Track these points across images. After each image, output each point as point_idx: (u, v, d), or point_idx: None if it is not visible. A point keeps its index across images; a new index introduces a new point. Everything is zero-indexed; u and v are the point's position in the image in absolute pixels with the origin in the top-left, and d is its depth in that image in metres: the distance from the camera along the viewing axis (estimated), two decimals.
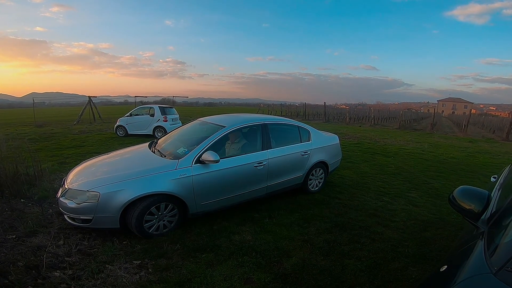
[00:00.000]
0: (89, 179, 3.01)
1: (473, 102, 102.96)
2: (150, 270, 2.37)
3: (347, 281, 2.32)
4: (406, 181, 5.70)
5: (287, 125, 4.39)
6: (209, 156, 3.11)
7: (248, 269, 2.43)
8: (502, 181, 2.37)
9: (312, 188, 4.56)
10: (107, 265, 2.35)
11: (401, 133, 16.45)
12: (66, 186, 3.05)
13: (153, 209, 2.89)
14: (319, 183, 4.69)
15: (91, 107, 17.33)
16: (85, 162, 3.76)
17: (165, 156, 3.40)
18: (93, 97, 17.81)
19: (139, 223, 2.81)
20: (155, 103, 21.04)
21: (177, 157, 3.25)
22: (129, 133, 10.90)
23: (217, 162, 3.13)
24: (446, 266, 1.22)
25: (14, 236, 2.75)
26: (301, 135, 4.40)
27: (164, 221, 3.03)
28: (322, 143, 4.64)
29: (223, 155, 3.36)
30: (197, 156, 3.17)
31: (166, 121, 10.87)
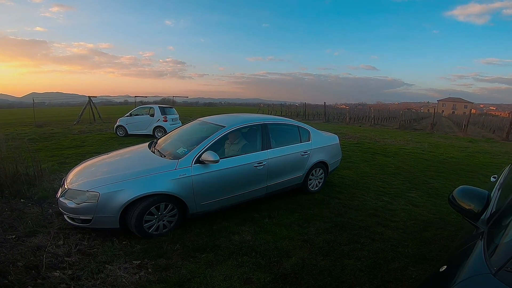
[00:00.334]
0: (89, 179, 3.01)
1: (473, 102, 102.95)
2: (149, 270, 2.37)
3: (347, 281, 2.31)
4: (406, 181, 5.69)
5: (287, 125, 4.39)
6: (208, 156, 3.11)
7: (247, 269, 2.42)
8: (502, 181, 2.37)
9: (312, 188, 4.56)
10: (107, 265, 2.35)
11: (401, 133, 16.44)
12: (66, 186, 3.05)
13: (152, 209, 2.89)
14: (319, 183, 4.69)
15: (91, 107, 17.34)
16: (85, 162, 3.76)
17: (165, 156, 3.40)
18: (93, 97, 17.81)
19: (139, 223, 2.81)
20: (155, 103, 21.05)
21: (177, 157, 3.25)
22: (129, 133, 10.90)
23: (216, 162, 3.13)
24: (445, 266, 1.22)
25: (14, 236, 2.75)
26: (301, 135, 4.40)
27: (163, 221, 3.03)
28: (322, 143, 4.63)
29: (223, 155, 3.36)
30: (196, 156, 3.17)
31: (166, 121, 10.88)
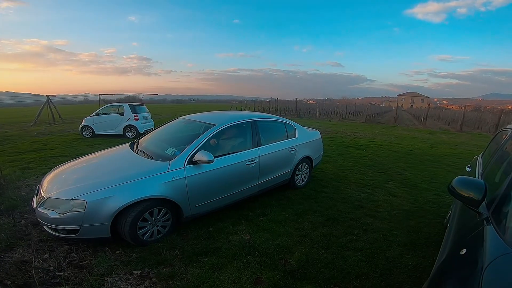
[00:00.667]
0: (71, 187, 2.75)
1: (428, 96, 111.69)
2: (153, 279, 2.24)
3: (352, 272, 2.40)
4: (381, 173, 6.02)
5: (274, 121, 4.41)
6: (203, 156, 3.01)
7: (254, 269, 2.41)
8: (481, 171, 2.60)
9: (299, 183, 4.65)
10: (106, 278, 2.19)
11: (368, 127, 17.35)
12: (42, 194, 2.77)
13: (146, 214, 2.74)
14: (305, 178, 4.79)
15: (50, 107, 15.94)
16: (60, 167, 3.44)
17: (153, 157, 3.23)
18: (52, 96, 16.38)
19: (133, 230, 2.65)
20: (120, 101, 19.95)
21: (167, 158, 3.11)
22: (97, 133, 10.24)
23: (211, 162, 3.04)
24: (465, 249, 1.32)
25: None
26: (288, 131, 4.45)
27: (158, 226, 2.89)
28: (306, 139, 4.73)
29: (215, 154, 3.27)
30: (189, 156, 3.05)
31: (137, 119, 10.39)
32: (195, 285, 2.19)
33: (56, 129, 12.83)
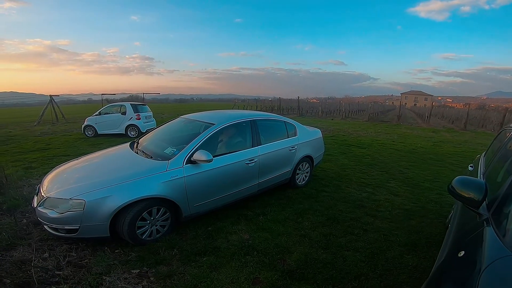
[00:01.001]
0: (70, 186, 2.76)
1: (432, 94, 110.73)
2: (152, 279, 2.24)
3: (351, 272, 2.38)
4: (383, 172, 5.98)
5: (274, 120, 4.39)
6: (201, 155, 3.00)
7: (253, 269, 2.40)
8: (483, 170, 2.56)
9: (299, 182, 4.63)
10: (105, 277, 2.19)
11: (371, 125, 17.25)
12: (43, 194, 2.78)
13: (145, 214, 2.74)
14: (306, 177, 4.77)
15: (53, 107, 16.04)
16: (60, 166, 3.46)
17: (152, 157, 3.23)
18: (55, 96, 16.48)
19: (132, 230, 2.65)
20: (123, 100, 20.04)
21: (166, 157, 3.10)
22: (99, 133, 10.29)
23: (210, 161, 3.03)
24: (463, 251, 1.29)
25: None
26: (288, 130, 4.43)
27: (157, 226, 2.89)
28: (307, 138, 4.71)
29: (214, 154, 3.26)
30: (188, 156, 3.05)
31: (139, 119, 10.44)
32: (193, 284, 2.18)
33: (59, 128, 12.92)
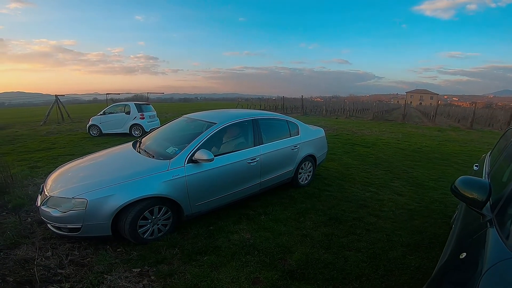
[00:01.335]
0: (73, 185, 2.79)
1: (438, 93, 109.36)
2: (152, 277, 2.26)
3: (352, 273, 2.36)
4: (387, 171, 5.92)
5: (276, 119, 4.37)
6: (202, 155, 3.01)
7: (253, 269, 2.39)
8: (488, 170, 2.51)
9: (302, 181, 4.61)
10: (106, 275, 2.21)
11: (375, 124, 17.11)
12: (46, 193, 2.81)
13: (146, 213, 2.75)
14: (308, 176, 4.74)
15: (59, 106, 16.23)
16: (63, 166, 3.49)
17: (154, 156, 3.24)
18: (60, 95, 16.67)
19: (133, 229, 2.67)
20: (127, 100, 20.20)
21: (167, 157, 3.11)
22: (104, 132, 10.38)
23: (211, 161, 3.03)
24: (465, 253, 1.27)
25: None
26: (290, 129, 4.41)
27: (158, 225, 2.90)
28: (310, 137, 4.68)
29: (215, 153, 3.25)
30: (189, 155, 3.05)
31: (143, 118, 10.50)
32: (193, 283, 2.19)
33: (64, 128, 13.06)
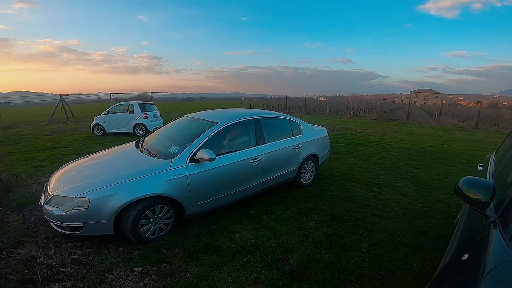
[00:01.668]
0: (75, 184, 2.81)
1: (442, 92, 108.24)
2: (153, 276, 2.26)
3: (354, 273, 2.35)
4: (391, 171, 5.88)
5: (278, 119, 4.37)
6: (204, 154, 3.01)
7: (254, 268, 2.39)
8: (493, 170, 2.48)
9: (304, 181, 4.59)
10: (107, 274, 2.22)
11: (379, 124, 17.00)
12: (49, 192, 2.84)
13: (148, 212, 2.76)
14: (311, 176, 4.72)
15: (63, 106, 16.38)
16: (67, 165, 3.52)
17: (156, 155, 3.25)
18: (65, 95, 16.81)
19: (135, 228, 2.68)
20: (131, 99, 20.31)
21: (169, 156, 3.12)
22: (107, 131, 10.45)
23: (213, 160, 3.03)
24: (467, 255, 1.25)
25: None
26: (292, 129, 4.39)
27: (160, 224, 2.91)
28: (312, 136, 4.66)
29: (217, 152, 3.25)
30: (191, 154, 3.06)
31: (146, 118, 10.55)
32: (194, 283, 2.19)
33: (69, 127, 13.17)
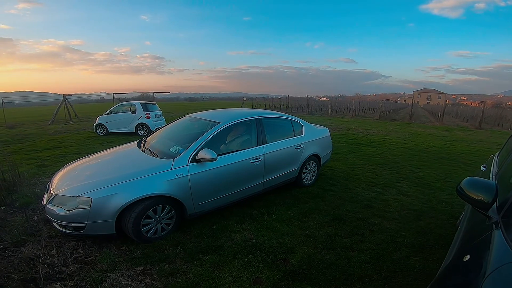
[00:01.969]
0: (78, 184, 2.82)
1: (445, 92, 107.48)
2: (154, 276, 2.27)
3: (355, 274, 2.34)
4: (393, 171, 5.85)
5: (280, 119, 4.36)
6: (206, 154, 3.01)
7: (255, 268, 2.39)
8: (496, 170, 2.46)
9: (306, 181, 4.58)
10: (109, 274, 2.23)
11: (382, 124, 16.94)
12: (52, 192, 2.85)
13: (150, 212, 2.77)
14: (313, 176, 4.72)
15: (66, 106, 16.48)
16: (69, 165, 3.54)
17: (158, 155, 3.26)
18: (68, 95, 16.91)
19: (137, 227, 2.69)
20: (134, 99, 20.39)
21: (171, 156, 3.13)
22: (110, 131, 10.49)
23: (214, 160, 3.03)
24: (469, 256, 1.24)
25: (1, 246, 2.55)
26: (294, 129, 4.38)
27: (161, 224, 2.92)
28: (314, 136, 4.65)
29: (219, 152, 3.25)
30: (192, 154, 3.06)
31: (149, 117, 10.58)
32: (195, 282, 2.20)
33: (72, 127, 13.24)
